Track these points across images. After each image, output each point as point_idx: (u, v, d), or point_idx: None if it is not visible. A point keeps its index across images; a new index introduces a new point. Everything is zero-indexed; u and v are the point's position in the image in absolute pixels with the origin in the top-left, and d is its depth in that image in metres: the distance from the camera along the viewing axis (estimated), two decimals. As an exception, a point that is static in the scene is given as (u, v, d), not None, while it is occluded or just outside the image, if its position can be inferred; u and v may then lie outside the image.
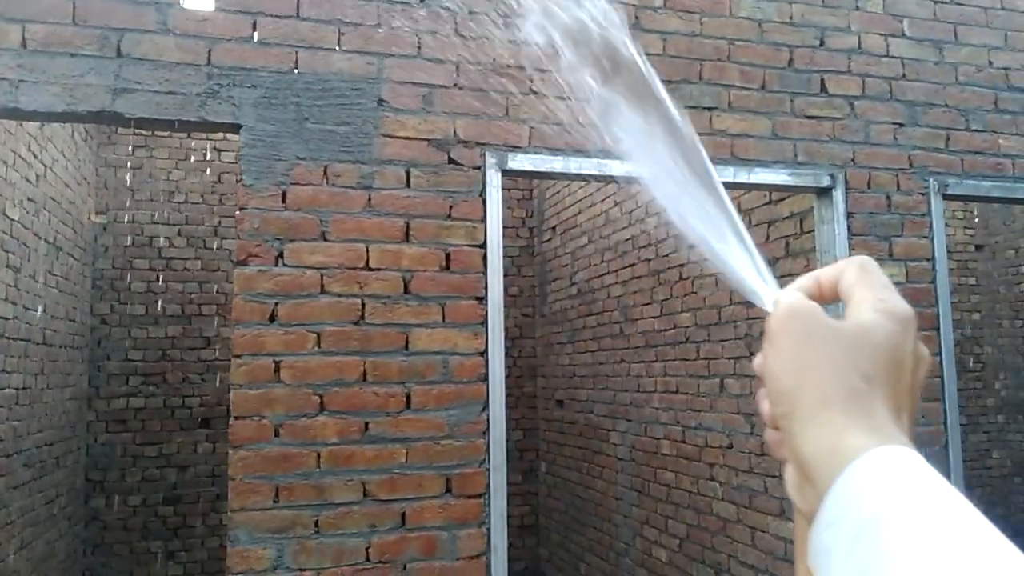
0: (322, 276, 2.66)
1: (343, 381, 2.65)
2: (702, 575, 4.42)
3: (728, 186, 3.24)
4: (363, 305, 2.68)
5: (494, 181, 2.85)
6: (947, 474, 3.23)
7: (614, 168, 2.96)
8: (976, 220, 8.64)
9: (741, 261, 0.55)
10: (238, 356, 2.58)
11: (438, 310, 2.75)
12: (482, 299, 2.80)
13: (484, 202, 2.84)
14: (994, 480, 8.36)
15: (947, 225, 8.50)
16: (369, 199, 2.72)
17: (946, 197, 3.38)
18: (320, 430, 2.63)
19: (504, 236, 7.66)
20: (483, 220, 2.83)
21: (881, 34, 3.35)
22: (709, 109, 3.11)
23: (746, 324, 4.08)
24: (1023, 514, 8.25)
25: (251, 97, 2.64)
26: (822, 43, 3.29)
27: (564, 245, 6.70)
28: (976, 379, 8.42)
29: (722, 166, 3.09)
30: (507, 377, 7.16)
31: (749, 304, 3.79)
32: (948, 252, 8.57)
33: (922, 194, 3.33)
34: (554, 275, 6.93)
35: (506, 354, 7.24)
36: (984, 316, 8.54)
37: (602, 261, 5.93)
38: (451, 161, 2.83)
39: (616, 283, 5.68)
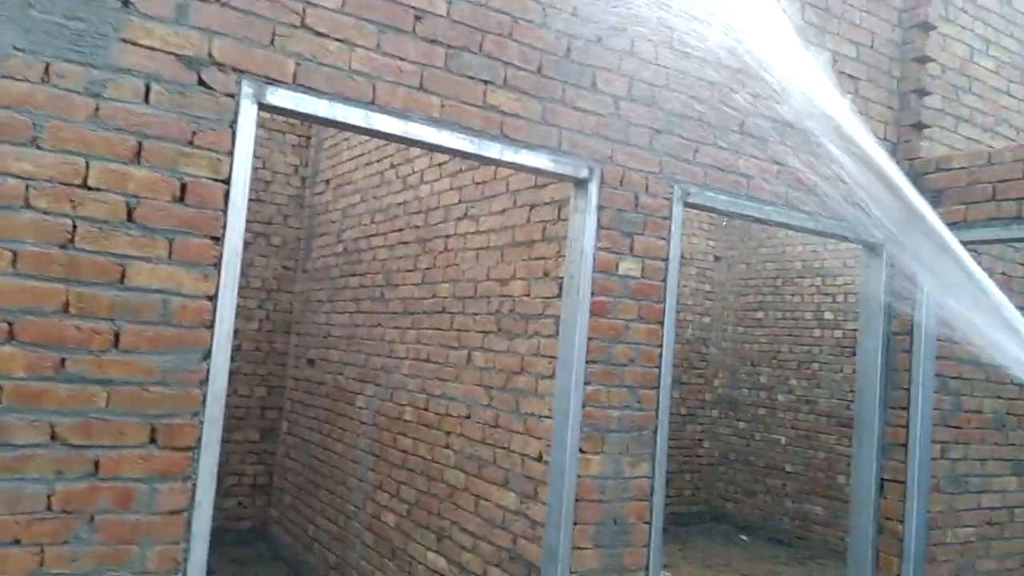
0: (27, 187, 2.32)
1: (39, 310, 2.33)
2: (425, 540, 4.49)
3: (493, 162, 3.28)
4: (74, 227, 2.37)
5: (248, 113, 2.64)
6: (653, 457, 3.52)
7: (381, 123, 2.86)
8: (713, 234, 9.54)
9: None
10: (-96, 266, 2.18)
11: (165, 244, 2.50)
12: (218, 239, 2.59)
13: (234, 134, 2.62)
14: (703, 467, 9.35)
15: (693, 235, 9.32)
16: (97, 109, 2.40)
17: (687, 205, 3.65)
18: (6, 362, 2.30)
19: (272, 181, 7.29)
20: (230, 153, 2.61)
21: (652, 41, 3.53)
22: (485, 82, 3.11)
23: (498, 301, 4.18)
24: (722, 499, 9.31)
25: (-43, -36, 2.23)
26: (599, 39, 3.40)
27: (336, 200, 6.50)
28: (699, 376, 9.35)
29: (490, 142, 3.10)
30: (258, 331, 6.84)
31: (503, 282, 3.85)
32: (690, 259, 9.39)
33: (666, 199, 3.57)
34: (322, 230, 6.70)
35: (260, 306, 6.93)
36: (713, 320, 9.48)
37: (372, 222, 5.81)
38: (201, 83, 2.58)
39: (383, 246, 5.59)
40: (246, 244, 6.95)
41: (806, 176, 3.87)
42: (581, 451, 3.33)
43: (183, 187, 2.53)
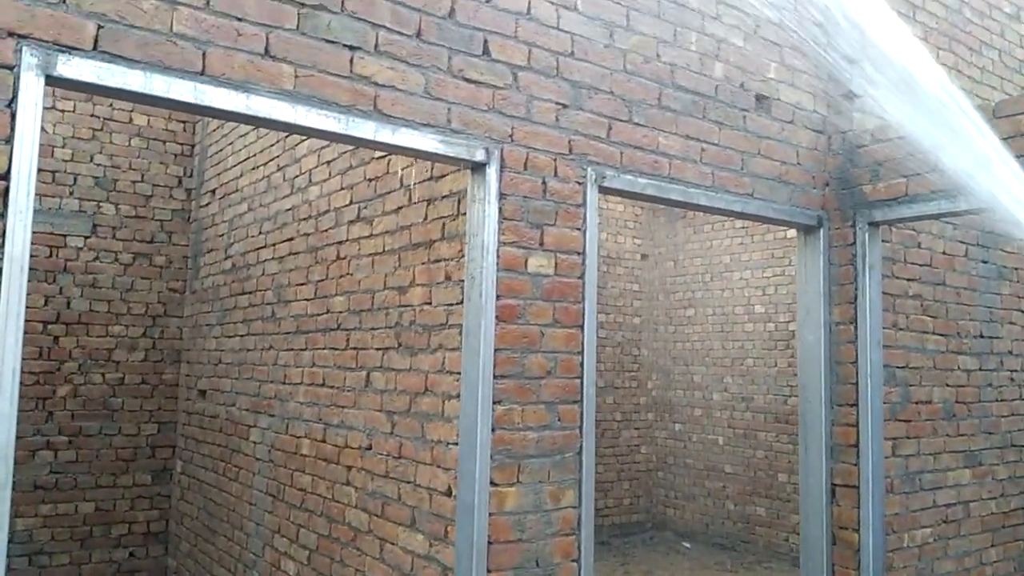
0: None
1: None
2: (330, 593, 3.90)
3: (366, 144, 2.73)
4: None
5: (32, 89, 2.05)
6: (579, 482, 3.03)
7: (215, 97, 2.30)
8: (639, 232, 9.18)
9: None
10: None
11: (-83, 260, 1.90)
12: (-4, 251, 1.99)
13: (13, 116, 2.03)
14: (640, 474, 8.95)
15: (619, 233, 8.94)
16: None
17: (602, 190, 3.18)
18: None
19: (153, 196, 6.56)
20: (8, 141, 2.02)
21: (552, 3, 3.06)
22: (351, 48, 2.57)
23: (397, 312, 3.63)
24: (663, 506, 8.92)
25: None
26: (489, -1, 2.91)
27: (222, 212, 5.84)
28: (632, 379, 8.95)
29: (361, 119, 2.57)
30: (143, 361, 6.12)
31: (402, 290, 3.29)
32: (617, 258, 9.00)
33: (579, 183, 3.09)
34: (209, 245, 6.02)
35: (144, 334, 6.18)
36: (643, 321, 9.11)
37: (260, 232, 5.19)
38: (-34, 51, 1.98)
39: (272, 259, 4.98)
40: (124, 266, 6.25)
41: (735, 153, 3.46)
42: (493, 483, 2.81)
43: (-62, 184, 1.93)
